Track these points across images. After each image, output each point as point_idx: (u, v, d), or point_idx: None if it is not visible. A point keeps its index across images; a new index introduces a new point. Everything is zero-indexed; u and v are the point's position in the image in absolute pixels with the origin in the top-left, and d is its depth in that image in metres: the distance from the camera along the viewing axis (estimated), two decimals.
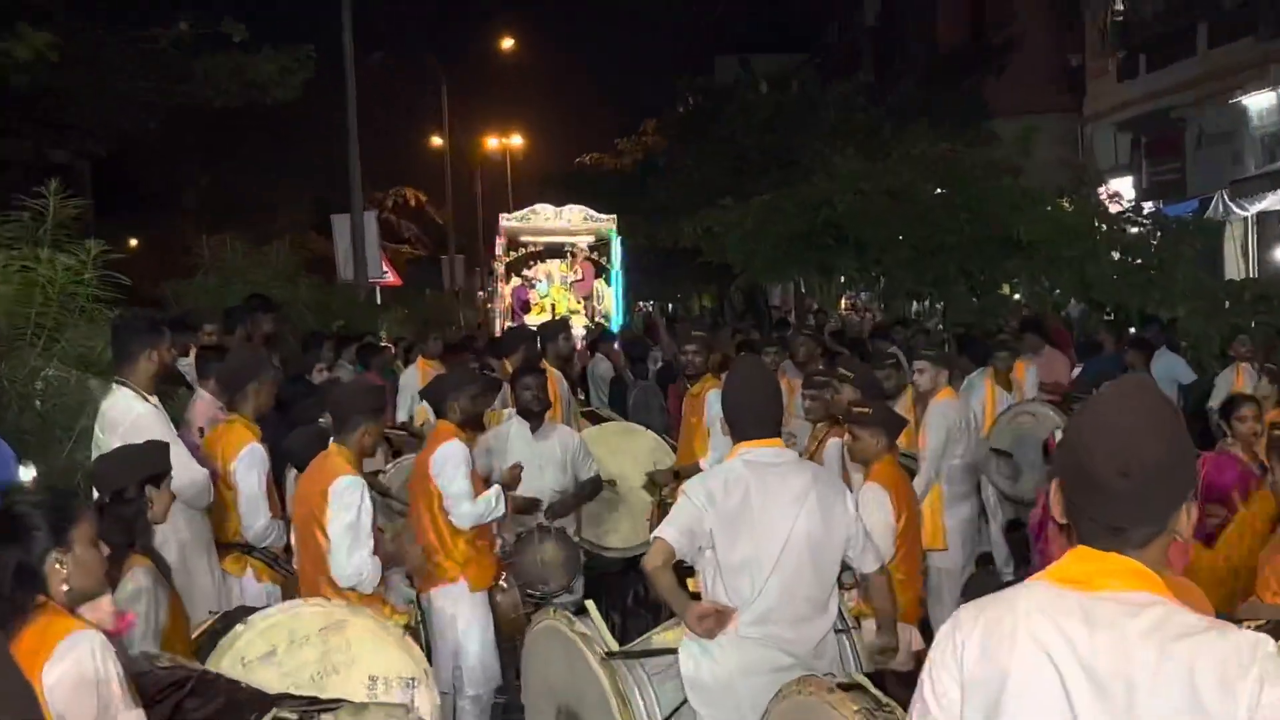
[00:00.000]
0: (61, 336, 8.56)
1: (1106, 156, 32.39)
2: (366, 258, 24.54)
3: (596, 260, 32.66)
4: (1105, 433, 2.98)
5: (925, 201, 19.95)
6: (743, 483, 5.93)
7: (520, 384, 9.89)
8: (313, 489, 7.20)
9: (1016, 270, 20.03)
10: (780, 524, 5.87)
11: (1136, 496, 2.93)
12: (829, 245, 21.13)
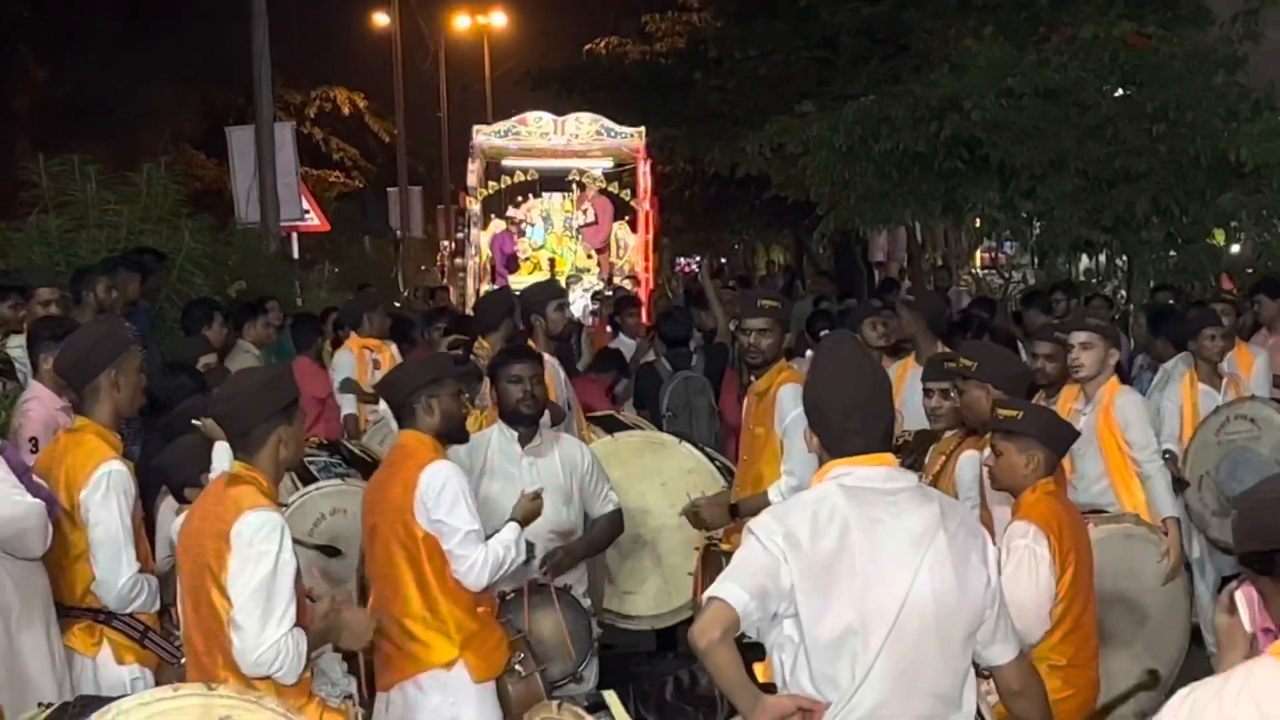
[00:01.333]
0: None
1: None
2: (279, 191, 24.58)
3: (616, 195, 32.56)
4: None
5: (1102, 108, 19.86)
6: (839, 519, 5.79)
7: (505, 374, 9.71)
8: (207, 528, 7.08)
9: (1236, 209, 19.88)
10: (896, 581, 5.75)
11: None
12: (958, 171, 21.02)
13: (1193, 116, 19.24)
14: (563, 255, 31.60)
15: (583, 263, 31.71)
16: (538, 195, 32.47)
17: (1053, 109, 19.77)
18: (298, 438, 7.27)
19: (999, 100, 19.87)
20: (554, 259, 31.30)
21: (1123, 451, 10.33)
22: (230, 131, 26.08)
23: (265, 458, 7.06)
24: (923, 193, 22.01)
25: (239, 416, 7.18)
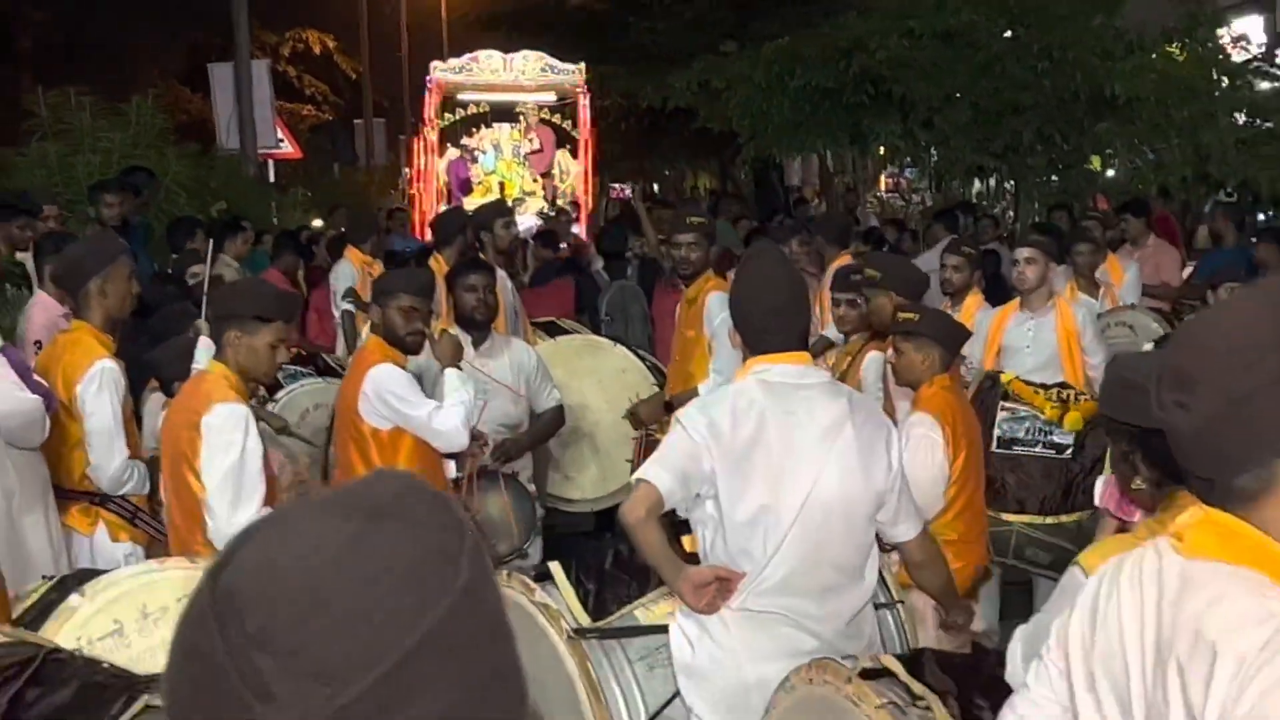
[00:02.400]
0: None
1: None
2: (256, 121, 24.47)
3: (558, 125, 32.57)
4: (1174, 350, 3.12)
5: (992, 48, 19.85)
6: (757, 410, 5.83)
7: (461, 284, 9.72)
8: (183, 420, 7.05)
9: (1110, 138, 19.93)
10: (806, 465, 5.78)
11: (1206, 435, 2.99)
12: (864, 104, 21.02)
13: (1073, 55, 19.30)
14: (511, 180, 31.57)
15: (529, 186, 31.70)
16: (489, 125, 32.42)
17: (948, 49, 19.79)
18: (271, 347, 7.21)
19: (901, 41, 19.88)
20: (503, 183, 31.27)
21: (1075, 359, 10.42)
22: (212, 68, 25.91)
23: (238, 358, 7.06)
24: (833, 124, 22.08)
25: (223, 316, 7.23)
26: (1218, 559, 3.00)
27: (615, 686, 6.28)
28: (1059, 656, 3.24)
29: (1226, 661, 2.87)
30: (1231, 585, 2.96)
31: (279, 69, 38.08)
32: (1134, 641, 3.05)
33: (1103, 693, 3.14)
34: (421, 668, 1.29)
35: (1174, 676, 2.95)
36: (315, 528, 1.37)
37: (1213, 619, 2.92)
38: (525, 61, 32.73)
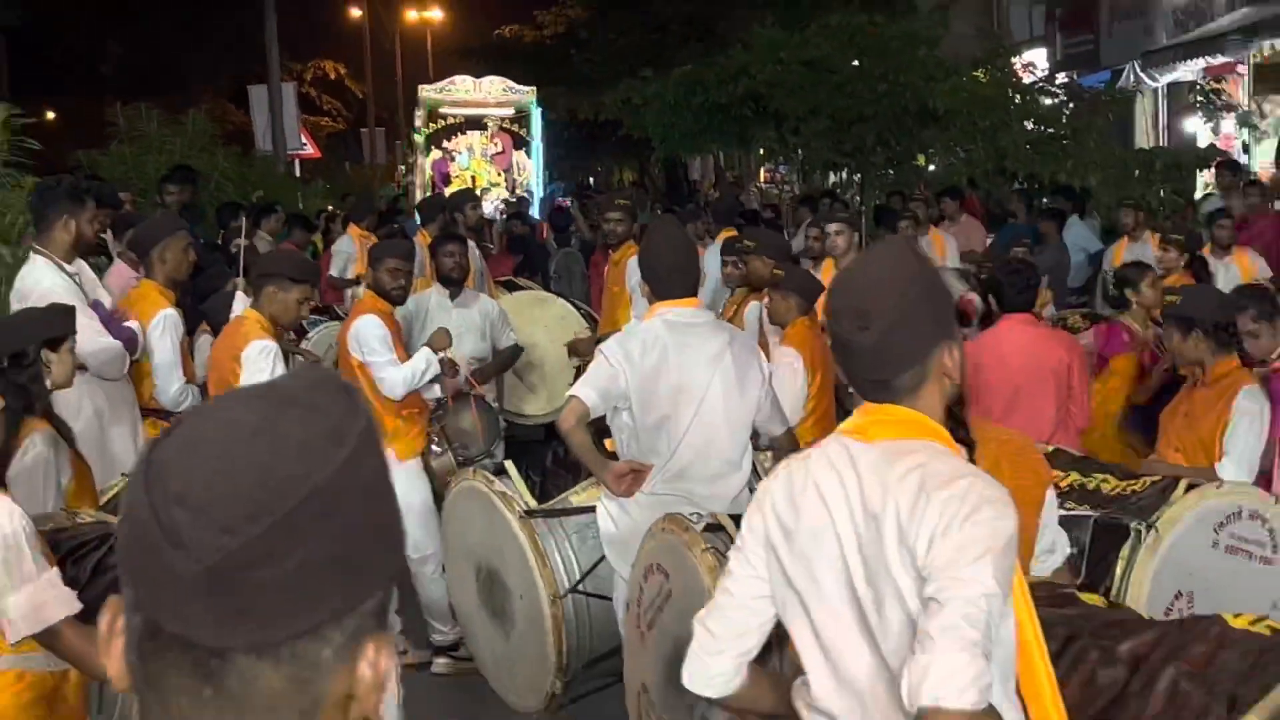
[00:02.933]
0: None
1: (1021, 29, 32.42)
2: (284, 130, 24.32)
3: (516, 132, 32.51)
4: (843, 294, 3.16)
5: (843, 73, 19.82)
6: (660, 343, 5.89)
7: (441, 251, 9.70)
8: (226, 354, 7.08)
9: (932, 140, 19.97)
10: (696, 383, 5.85)
11: (881, 347, 3.07)
12: (747, 117, 20.95)
13: (904, 79, 19.29)
14: (480, 174, 31.47)
15: (494, 179, 31.61)
16: (463, 133, 32.27)
17: (811, 73, 19.72)
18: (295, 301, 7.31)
19: (774, 68, 19.83)
20: (474, 177, 31.11)
21: None
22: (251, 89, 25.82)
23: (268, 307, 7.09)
24: (724, 132, 21.99)
25: (259, 276, 7.39)
26: (900, 438, 3.08)
27: (556, 553, 6.33)
28: (757, 547, 3.23)
29: (935, 504, 2.94)
30: (927, 452, 3.06)
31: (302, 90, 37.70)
32: (842, 513, 3.07)
33: (808, 559, 3.13)
34: (305, 521, 1.29)
35: (891, 529, 2.99)
36: (235, 412, 1.37)
37: (926, 476, 2.99)
38: (491, 84, 32.76)
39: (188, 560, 1.28)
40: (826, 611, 3.10)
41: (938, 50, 20.64)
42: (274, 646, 1.32)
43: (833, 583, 3.07)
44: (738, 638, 3.27)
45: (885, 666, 3.02)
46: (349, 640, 1.36)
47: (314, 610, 1.33)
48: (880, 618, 3.01)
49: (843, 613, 3.07)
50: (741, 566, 3.25)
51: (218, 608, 1.29)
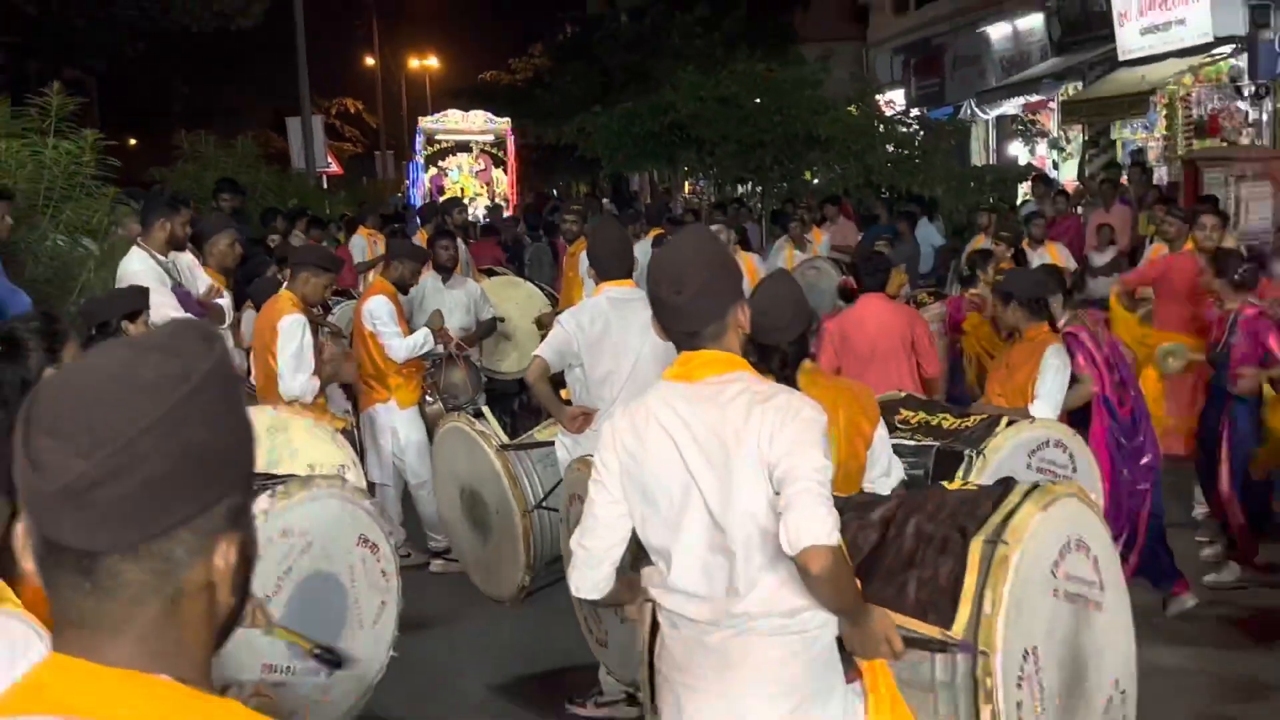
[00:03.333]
0: (65, 208, 8.31)
1: (884, 74, 32.46)
2: (314, 152, 24.11)
3: (494, 154, 32.50)
4: (662, 268, 3.21)
5: (747, 108, 19.85)
6: (604, 315, 5.90)
7: (437, 245, 9.68)
8: (265, 325, 7.02)
9: (815, 160, 20.06)
10: (632, 346, 5.83)
11: (692, 306, 3.14)
12: (674, 142, 20.93)
13: (795, 112, 19.38)
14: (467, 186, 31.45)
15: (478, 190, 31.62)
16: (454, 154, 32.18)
17: (722, 109, 19.73)
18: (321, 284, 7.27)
19: (695, 104, 19.85)
20: (463, 188, 31.06)
21: None
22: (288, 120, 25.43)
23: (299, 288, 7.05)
24: (656, 154, 21.96)
25: (294, 264, 7.34)
26: (720, 373, 3.14)
27: (524, 477, 6.32)
28: (609, 472, 3.25)
29: (767, 413, 3.03)
30: (744, 380, 3.17)
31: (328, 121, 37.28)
32: (683, 436, 3.12)
33: (664, 491, 3.16)
34: (146, 446, 1.27)
35: (732, 439, 3.06)
36: (104, 359, 1.36)
37: (753, 395, 3.10)
38: (475, 117, 32.86)
39: (45, 481, 1.28)
40: (677, 513, 3.13)
41: (820, 90, 20.74)
42: (132, 547, 1.32)
43: (679, 491, 3.11)
44: (608, 550, 3.29)
45: (726, 546, 3.09)
46: (201, 539, 1.35)
47: (161, 518, 1.31)
48: (725, 509, 3.07)
49: (692, 510, 3.11)
50: (601, 494, 3.26)
51: (79, 518, 1.29)
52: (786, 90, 20.14)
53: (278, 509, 4.68)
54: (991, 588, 3.49)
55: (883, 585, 3.60)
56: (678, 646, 3.21)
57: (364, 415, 8.25)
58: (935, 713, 3.56)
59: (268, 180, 17.84)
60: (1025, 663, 3.57)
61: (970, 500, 3.84)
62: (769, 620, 3.09)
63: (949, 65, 29.77)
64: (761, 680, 3.09)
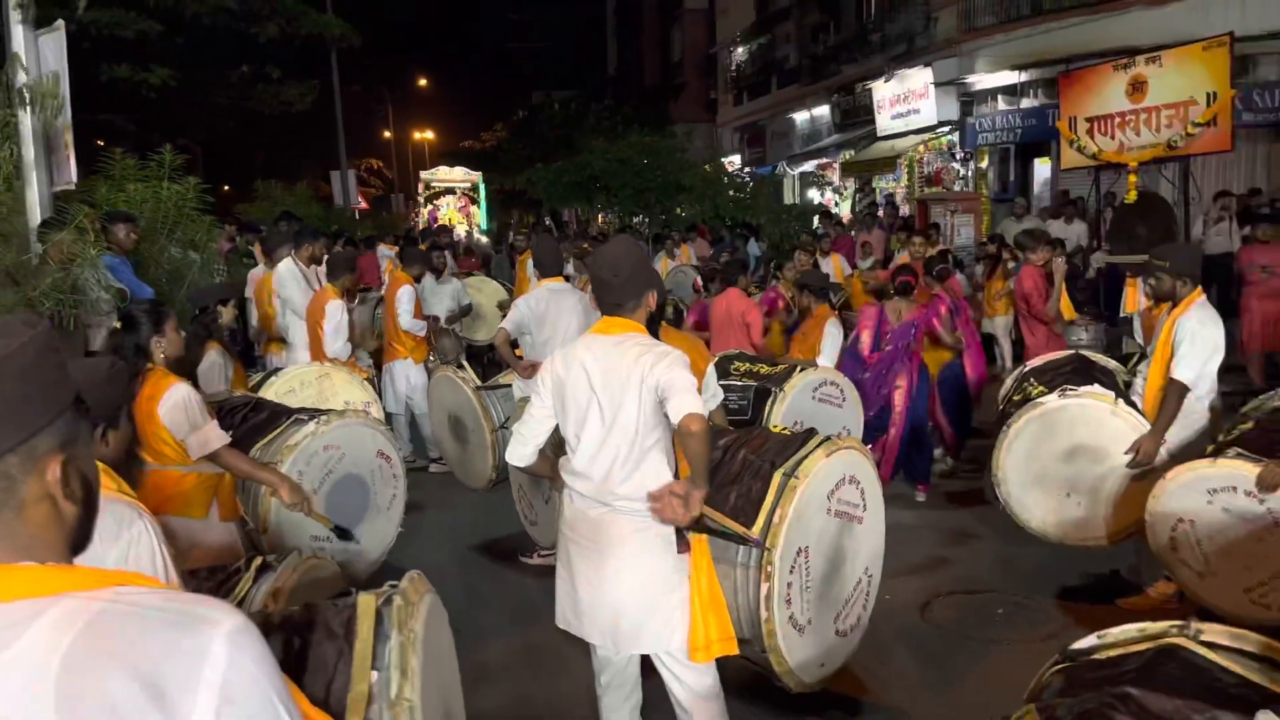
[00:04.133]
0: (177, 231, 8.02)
1: (727, 145, 32.48)
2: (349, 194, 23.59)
3: (471, 195, 31.93)
4: (604, 259, 3.11)
5: (638, 166, 19.72)
6: (545, 300, 5.79)
7: (433, 255, 9.40)
8: (318, 308, 6.82)
9: (682, 200, 19.95)
10: (564, 320, 5.75)
11: (620, 287, 3.09)
12: (591, 189, 20.67)
13: (669, 169, 19.32)
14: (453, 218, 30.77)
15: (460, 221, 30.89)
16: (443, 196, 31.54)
17: (622, 166, 19.57)
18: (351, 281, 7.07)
19: (604, 163, 19.70)
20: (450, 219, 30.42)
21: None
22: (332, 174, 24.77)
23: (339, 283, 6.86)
24: (579, 196, 21.55)
25: (332, 268, 7.05)
26: (625, 333, 3.08)
27: (492, 408, 6.23)
28: (545, 388, 3.20)
29: (658, 359, 2.99)
30: (639, 337, 3.09)
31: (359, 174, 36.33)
32: (595, 369, 3.06)
33: (575, 403, 3.11)
34: None
35: (628, 373, 3.01)
36: None
37: (643, 347, 3.04)
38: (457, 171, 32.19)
39: None
40: (583, 419, 3.09)
41: (685, 154, 20.67)
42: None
43: (589, 406, 3.07)
44: (534, 436, 3.25)
45: (615, 446, 3.04)
46: (29, 461, 1.25)
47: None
48: (614, 421, 3.03)
49: (591, 418, 3.07)
50: (537, 402, 3.22)
51: None
52: (664, 154, 20.00)
53: (321, 431, 4.66)
54: (781, 506, 3.52)
55: (714, 491, 3.59)
56: (572, 513, 3.17)
57: (386, 367, 8.06)
58: (734, 581, 3.58)
59: (318, 212, 17.40)
60: (798, 557, 3.61)
61: (783, 443, 3.84)
62: (630, 503, 3.04)
63: (769, 139, 29.86)
64: (621, 543, 3.05)
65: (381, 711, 1.74)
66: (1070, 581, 5.36)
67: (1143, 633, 2.18)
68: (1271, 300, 9.10)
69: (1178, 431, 4.77)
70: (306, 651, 1.85)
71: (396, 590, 1.98)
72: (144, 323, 3.80)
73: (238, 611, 1.21)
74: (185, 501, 3.80)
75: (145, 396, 3.72)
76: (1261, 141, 15.40)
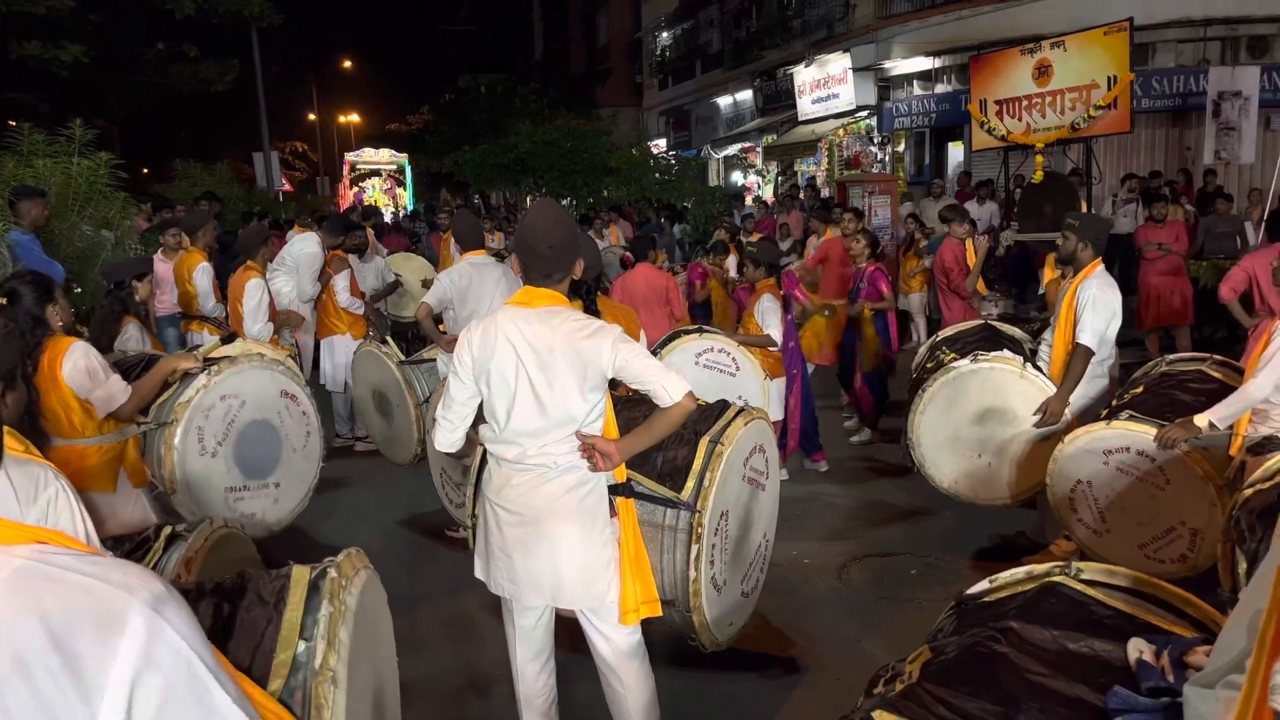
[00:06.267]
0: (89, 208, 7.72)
1: (653, 128, 32.48)
2: (273, 176, 22.96)
3: (397, 177, 31.34)
4: (536, 228, 2.93)
5: (564, 148, 19.61)
6: (468, 273, 5.74)
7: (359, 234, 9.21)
8: (237, 285, 6.61)
9: (609, 183, 19.90)
10: (486, 292, 5.70)
11: (555, 258, 2.93)
12: (518, 171, 20.50)
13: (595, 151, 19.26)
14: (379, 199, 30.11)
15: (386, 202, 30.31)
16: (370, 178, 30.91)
17: (549, 149, 19.46)
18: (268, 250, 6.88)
19: (530, 145, 19.53)
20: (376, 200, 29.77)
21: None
22: (255, 156, 24.08)
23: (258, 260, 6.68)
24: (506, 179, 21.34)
25: (247, 246, 6.79)
26: (550, 305, 2.96)
27: (415, 383, 6.14)
28: (464, 367, 3.04)
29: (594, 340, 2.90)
30: (568, 312, 2.98)
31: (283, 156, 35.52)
32: (522, 344, 2.93)
33: (502, 378, 2.98)
34: None
35: (559, 348, 2.89)
36: None
37: (574, 323, 2.94)
38: (384, 153, 31.44)
39: None
40: (512, 394, 2.96)
41: (611, 138, 20.62)
42: None
43: (518, 379, 2.95)
44: (461, 420, 3.12)
45: (547, 416, 2.95)
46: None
47: None
48: (550, 392, 2.93)
49: (523, 393, 2.95)
50: (456, 383, 3.07)
51: None
52: (590, 137, 19.96)
53: (214, 383, 4.62)
54: (710, 470, 3.55)
55: (639, 458, 3.58)
56: (500, 479, 3.10)
57: (324, 343, 7.82)
58: (660, 545, 3.59)
59: (239, 193, 16.88)
60: (721, 520, 3.66)
61: (702, 412, 3.86)
62: (560, 465, 2.99)
63: (694, 123, 29.94)
64: (550, 503, 3.00)
65: (306, 680, 1.71)
66: (980, 543, 5.51)
67: (1030, 575, 2.26)
68: (1166, 276, 9.45)
69: (1081, 393, 4.93)
70: (235, 618, 1.83)
71: (333, 563, 1.94)
72: (32, 293, 3.65)
73: (158, 578, 1.16)
74: (91, 476, 3.67)
75: (46, 363, 3.58)
76: (1160, 126, 15.97)
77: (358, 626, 1.84)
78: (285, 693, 1.66)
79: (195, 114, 33.50)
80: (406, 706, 2.13)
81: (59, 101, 20.86)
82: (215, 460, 4.59)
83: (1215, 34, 15.50)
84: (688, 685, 3.99)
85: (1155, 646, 1.89)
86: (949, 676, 1.88)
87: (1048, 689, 1.80)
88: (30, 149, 7.61)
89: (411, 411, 5.99)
